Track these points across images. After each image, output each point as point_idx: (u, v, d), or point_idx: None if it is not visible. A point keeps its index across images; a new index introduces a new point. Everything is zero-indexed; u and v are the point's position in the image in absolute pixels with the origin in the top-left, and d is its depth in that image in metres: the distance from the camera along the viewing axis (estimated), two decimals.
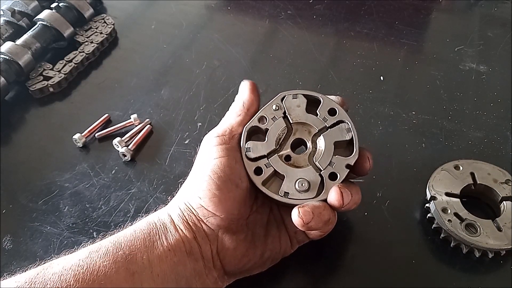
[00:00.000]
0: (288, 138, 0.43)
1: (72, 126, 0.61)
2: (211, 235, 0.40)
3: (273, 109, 0.42)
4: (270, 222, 0.44)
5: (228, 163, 0.39)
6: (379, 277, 0.45)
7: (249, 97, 0.44)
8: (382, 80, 0.66)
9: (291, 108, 0.42)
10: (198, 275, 0.39)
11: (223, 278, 0.41)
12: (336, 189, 0.39)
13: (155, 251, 0.37)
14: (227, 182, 0.39)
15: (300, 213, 0.38)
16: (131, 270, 0.36)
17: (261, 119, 0.43)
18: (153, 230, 0.39)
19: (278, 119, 0.42)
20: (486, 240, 0.44)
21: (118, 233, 0.39)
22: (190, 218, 0.40)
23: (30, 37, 0.68)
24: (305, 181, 0.40)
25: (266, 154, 0.41)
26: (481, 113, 0.60)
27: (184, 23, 0.78)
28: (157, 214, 0.41)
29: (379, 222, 0.49)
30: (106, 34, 0.74)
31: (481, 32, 0.73)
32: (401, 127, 0.59)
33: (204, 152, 0.41)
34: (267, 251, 0.42)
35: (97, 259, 0.36)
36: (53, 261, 0.37)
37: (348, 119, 0.41)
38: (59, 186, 0.55)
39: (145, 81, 0.68)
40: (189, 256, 0.38)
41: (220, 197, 0.38)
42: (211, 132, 0.42)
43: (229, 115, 0.44)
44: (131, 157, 0.57)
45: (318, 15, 0.78)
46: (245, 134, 0.42)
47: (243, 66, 0.69)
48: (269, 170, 0.41)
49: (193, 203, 0.40)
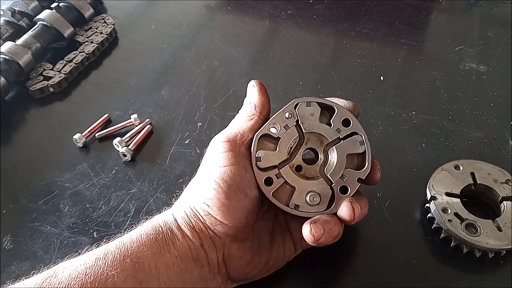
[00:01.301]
0: (299, 147, 0.41)
1: (72, 126, 0.61)
2: (217, 243, 0.39)
3: (286, 116, 0.41)
4: (275, 229, 0.43)
5: (238, 171, 0.38)
6: (379, 277, 0.45)
7: (260, 99, 0.42)
8: (382, 80, 0.66)
9: (304, 116, 0.41)
10: (203, 281, 0.39)
11: (226, 283, 0.41)
12: (348, 204, 0.38)
13: (162, 258, 0.37)
14: (237, 191, 0.38)
15: (312, 230, 0.37)
16: (139, 278, 0.35)
17: (272, 126, 0.41)
18: (160, 235, 0.38)
19: (291, 128, 0.41)
20: (486, 240, 0.44)
21: (123, 237, 0.38)
22: (197, 225, 0.39)
23: (30, 37, 0.68)
24: (317, 194, 0.39)
25: (277, 165, 0.40)
26: (481, 113, 0.60)
27: (184, 23, 0.78)
28: (162, 218, 0.40)
29: (379, 222, 0.49)
30: (106, 34, 0.74)
31: (481, 32, 0.73)
32: (401, 127, 0.59)
33: (213, 157, 0.40)
34: (271, 258, 0.42)
35: (105, 268, 0.35)
36: (58, 268, 0.36)
37: (362, 131, 0.41)
38: (59, 186, 0.55)
39: (145, 81, 0.68)
40: (196, 263, 0.38)
41: (228, 206, 0.38)
42: (221, 135, 0.41)
43: (239, 118, 0.42)
44: (131, 157, 0.57)
45: (318, 15, 0.78)
46: (255, 142, 0.40)
47: (243, 66, 0.69)
48: (279, 181, 0.40)
49: (199, 209, 0.39)
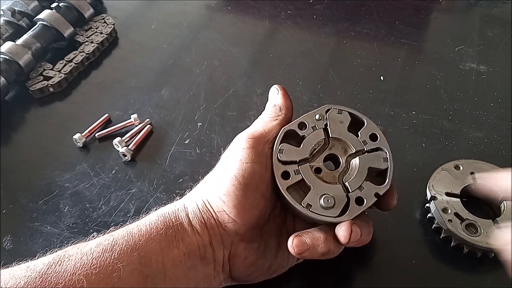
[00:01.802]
0: (322, 151, 0.41)
1: (72, 126, 0.61)
2: (226, 241, 0.39)
3: (316, 118, 0.41)
4: (283, 235, 0.42)
5: (260, 170, 0.38)
6: (379, 277, 0.45)
7: (285, 102, 0.42)
8: (382, 80, 0.66)
9: (333, 122, 0.41)
10: (207, 278, 0.38)
11: (227, 281, 0.41)
12: (347, 226, 0.36)
13: (170, 254, 0.36)
14: (254, 190, 0.38)
15: (293, 243, 0.36)
16: (145, 273, 0.35)
17: (300, 125, 0.41)
18: (170, 231, 0.37)
19: (318, 130, 0.41)
20: (486, 240, 0.44)
21: (132, 227, 0.37)
22: (208, 221, 0.38)
23: (30, 37, 0.68)
24: (331, 198, 0.38)
25: (298, 161, 0.40)
26: (481, 113, 0.60)
27: (184, 23, 0.78)
28: (173, 209, 0.39)
29: (379, 222, 0.49)
30: (106, 34, 0.73)
31: (481, 32, 0.73)
32: (401, 127, 0.59)
33: (235, 152, 0.39)
34: (275, 264, 0.41)
35: (111, 260, 0.34)
36: (64, 255, 0.35)
37: (388, 148, 0.40)
38: (59, 186, 0.55)
39: (145, 81, 0.68)
40: (202, 260, 0.38)
41: (244, 205, 0.37)
42: (245, 132, 0.40)
43: (263, 118, 0.42)
44: (131, 157, 0.57)
45: (318, 15, 0.78)
46: (281, 135, 0.40)
47: (243, 66, 0.69)
48: (297, 177, 0.39)
49: (213, 204, 0.38)
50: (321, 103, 0.63)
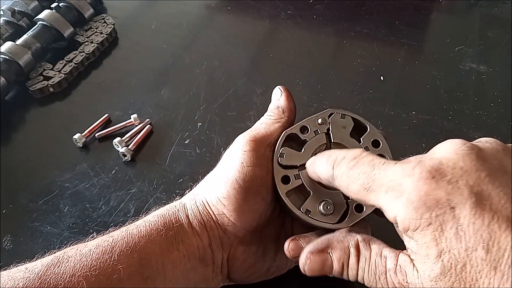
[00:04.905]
0: None
1: (72, 126, 0.61)
2: (225, 243, 0.38)
3: (318, 122, 0.40)
4: (281, 238, 0.42)
5: (261, 173, 0.38)
6: None
7: (288, 104, 0.41)
8: (382, 80, 0.66)
9: (336, 127, 0.40)
10: (205, 280, 0.38)
11: (225, 282, 0.41)
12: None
13: (170, 256, 0.36)
14: (255, 194, 0.37)
15: (289, 247, 0.36)
16: (145, 275, 0.35)
17: (302, 128, 0.40)
18: (170, 232, 0.37)
19: (320, 134, 0.40)
20: None
21: (131, 228, 0.37)
22: (208, 223, 0.38)
23: (30, 37, 0.68)
24: (331, 204, 0.38)
25: (298, 165, 0.39)
26: (481, 113, 0.60)
27: (184, 23, 0.78)
28: (174, 211, 0.39)
29: (379, 222, 0.49)
30: (106, 34, 0.74)
31: (481, 32, 0.73)
32: (401, 127, 0.59)
33: (236, 154, 0.38)
34: (273, 266, 0.41)
35: (111, 262, 0.34)
36: (63, 256, 0.35)
37: (390, 155, 0.40)
38: (59, 186, 0.55)
39: (145, 81, 0.68)
40: (201, 262, 0.38)
41: (245, 208, 0.37)
42: (247, 133, 0.40)
43: (266, 120, 0.41)
44: (131, 157, 0.57)
45: (318, 15, 0.78)
46: (282, 139, 0.40)
47: (243, 66, 0.69)
48: (297, 182, 0.39)
49: (213, 207, 0.38)
50: (321, 103, 0.63)
